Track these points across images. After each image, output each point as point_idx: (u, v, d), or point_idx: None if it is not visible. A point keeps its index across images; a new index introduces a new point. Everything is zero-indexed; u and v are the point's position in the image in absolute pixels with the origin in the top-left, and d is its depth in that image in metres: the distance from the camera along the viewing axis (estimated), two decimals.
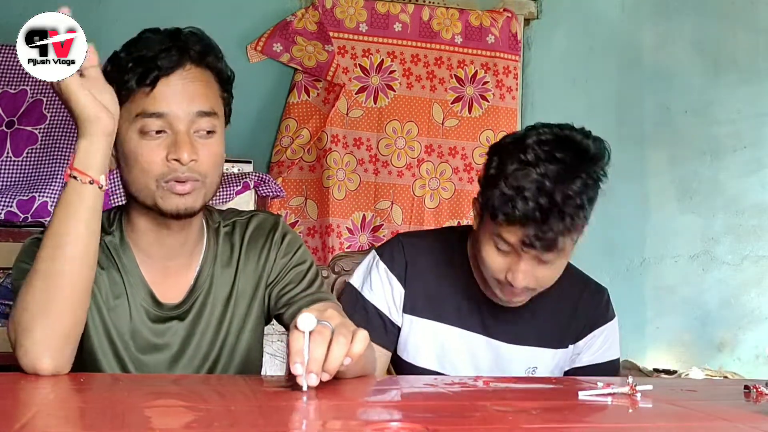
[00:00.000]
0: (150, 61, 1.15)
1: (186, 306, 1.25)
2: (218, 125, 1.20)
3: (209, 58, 1.22)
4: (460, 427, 0.85)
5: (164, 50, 1.17)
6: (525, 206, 1.26)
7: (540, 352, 1.50)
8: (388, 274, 1.50)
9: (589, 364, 1.52)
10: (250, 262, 1.30)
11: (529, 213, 1.26)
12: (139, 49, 1.17)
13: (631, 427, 0.91)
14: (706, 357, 3.28)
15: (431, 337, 1.49)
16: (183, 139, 1.15)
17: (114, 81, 1.14)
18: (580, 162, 1.31)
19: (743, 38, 3.35)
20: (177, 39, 1.19)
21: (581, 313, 1.52)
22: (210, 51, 1.22)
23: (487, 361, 1.49)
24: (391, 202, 3.00)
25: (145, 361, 1.23)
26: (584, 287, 1.55)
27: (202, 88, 1.19)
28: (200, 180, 1.17)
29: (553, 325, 1.50)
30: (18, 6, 2.39)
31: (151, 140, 1.15)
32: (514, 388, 1.14)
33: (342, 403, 0.99)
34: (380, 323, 1.48)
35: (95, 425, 0.80)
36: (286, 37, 2.92)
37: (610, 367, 1.53)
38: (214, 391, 1.04)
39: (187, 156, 1.14)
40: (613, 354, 1.54)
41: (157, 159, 1.15)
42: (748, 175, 3.35)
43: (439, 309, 1.49)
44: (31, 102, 2.28)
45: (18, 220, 2.12)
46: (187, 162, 1.14)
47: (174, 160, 1.14)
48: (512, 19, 3.12)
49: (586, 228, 1.37)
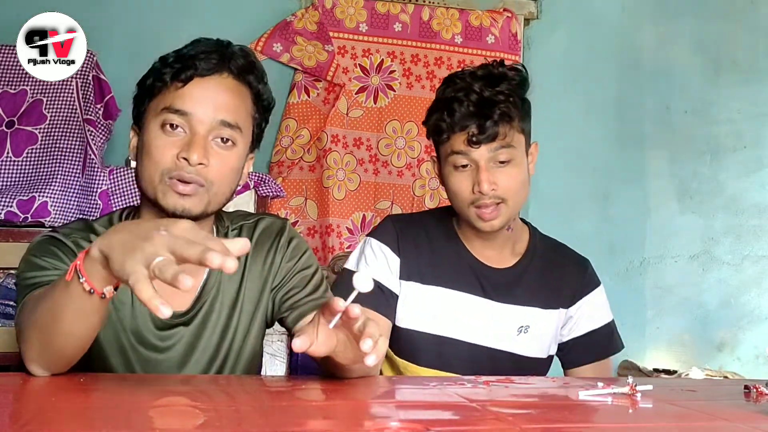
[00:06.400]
0: (189, 60, 1.17)
1: (192, 312, 1.25)
2: (240, 140, 1.21)
3: (250, 77, 1.23)
4: (460, 427, 0.85)
5: (206, 53, 1.18)
6: (460, 108, 1.43)
7: (531, 312, 1.55)
8: (381, 247, 1.55)
9: (588, 331, 1.60)
10: (256, 266, 1.30)
11: (465, 112, 1.43)
12: (185, 50, 1.20)
13: (631, 427, 0.91)
14: (706, 357, 3.27)
15: (429, 301, 1.53)
16: (198, 141, 1.16)
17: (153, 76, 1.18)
18: (501, 75, 1.48)
19: (743, 38, 3.35)
20: (222, 47, 1.21)
21: (569, 280, 1.60)
22: (253, 70, 1.23)
23: (482, 321, 1.53)
24: (391, 202, 3.00)
25: (151, 363, 1.23)
26: (569, 257, 1.65)
27: (234, 100, 1.20)
28: (205, 186, 1.16)
29: (543, 288, 1.57)
30: (18, 6, 2.39)
31: (169, 136, 1.16)
32: (514, 388, 1.14)
33: (343, 402, 0.99)
34: (379, 292, 1.50)
35: (97, 425, 0.80)
36: (286, 37, 2.92)
37: (608, 330, 1.62)
38: (220, 391, 1.04)
39: (197, 158, 1.14)
40: (606, 317, 1.63)
41: (168, 154, 1.15)
42: (748, 175, 3.35)
43: (435, 273, 1.54)
44: (31, 102, 2.28)
45: (18, 220, 2.12)
46: (194, 163, 1.14)
47: (183, 158, 1.15)
48: (512, 19, 3.13)
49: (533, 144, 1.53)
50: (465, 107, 1.43)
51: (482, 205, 1.45)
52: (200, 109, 1.16)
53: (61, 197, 2.17)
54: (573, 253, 1.65)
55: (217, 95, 1.18)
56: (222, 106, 1.18)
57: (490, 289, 1.54)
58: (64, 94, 2.29)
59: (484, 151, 1.43)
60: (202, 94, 1.17)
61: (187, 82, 1.17)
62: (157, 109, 1.17)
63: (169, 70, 1.18)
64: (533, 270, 1.57)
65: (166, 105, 1.16)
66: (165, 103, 1.17)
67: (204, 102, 1.17)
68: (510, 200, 1.46)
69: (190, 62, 1.17)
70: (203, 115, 1.16)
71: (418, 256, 1.54)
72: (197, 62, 1.17)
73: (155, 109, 1.18)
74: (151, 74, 1.20)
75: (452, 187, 1.48)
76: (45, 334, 0.99)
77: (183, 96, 1.16)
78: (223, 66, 1.19)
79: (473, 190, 1.45)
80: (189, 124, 1.16)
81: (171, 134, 1.16)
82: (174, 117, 1.16)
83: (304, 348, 0.94)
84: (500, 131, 1.42)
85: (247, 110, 1.22)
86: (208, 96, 1.17)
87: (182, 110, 1.16)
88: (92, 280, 0.91)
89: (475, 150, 1.43)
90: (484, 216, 1.46)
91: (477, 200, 1.45)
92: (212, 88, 1.18)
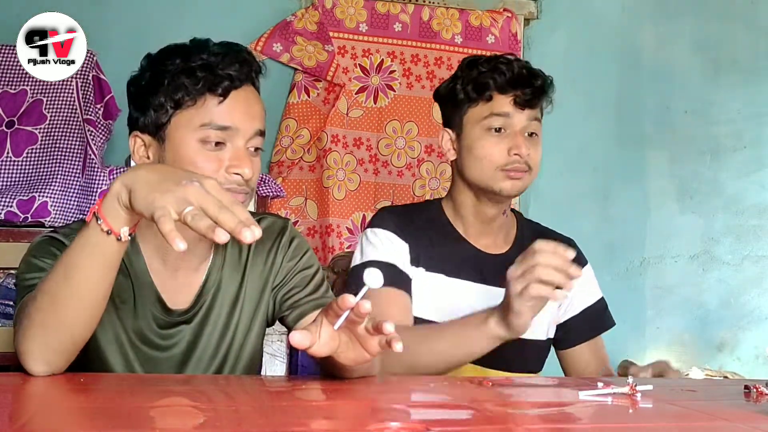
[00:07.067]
0: (220, 70, 1.15)
1: (193, 311, 1.25)
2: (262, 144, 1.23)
3: (257, 81, 1.24)
4: (460, 427, 0.85)
5: (235, 62, 1.17)
6: (509, 70, 1.50)
7: None
8: (387, 234, 1.54)
9: (583, 309, 1.64)
10: (257, 265, 1.30)
11: (516, 74, 1.50)
12: (205, 56, 1.16)
13: (631, 427, 0.91)
14: (706, 357, 3.28)
15: (433, 289, 1.52)
16: (245, 154, 1.17)
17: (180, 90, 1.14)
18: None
19: (743, 38, 3.35)
20: (242, 53, 1.20)
21: None
22: (260, 71, 1.24)
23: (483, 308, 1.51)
24: (391, 202, 3.00)
25: (151, 362, 1.23)
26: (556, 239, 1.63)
27: (261, 107, 1.22)
28: (249, 193, 1.19)
29: None
30: (18, 6, 2.39)
31: (211, 151, 1.16)
32: (514, 388, 1.14)
33: (343, 402, 0.99)
34: (396, 271, 1.50)
35: (97, 425, 0.80)
36: (286, 37, 2.92)
37: (601, 305, 1.67)
38: (219, 391, 1.04)
39: (249, 172, 1.16)
40: (598, 293, 1.67)
41: (215, 169, 1.15)
42: (748, 175, 3.35)
43: (435, 262, 1.54)
44: (31, 102, 2.28)
45: (18, 220, 2.12)
46: (248, 177, 1.16)
47: (235, 174, 1.15)
48: (512, 19, 3.13)
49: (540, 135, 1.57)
50: (515, 69, 1.50)
51: (513, 168, 1.49)
52: (241, 122, 1.17)
53: (61, 197, 2.17)
54: (558, 235, 1.66)
55: (251, 106, 1.19)
56: (257, 116, 1.20)
57: (489, 275, 1.54)
58: (64, 94, 2.29)
59: (524, 117, 1.50)
60: (241, 106, 1.17)
61: (225, 95, 1.16)
62: (192, 124, 1.15)
63: (202, 84, 1.15)
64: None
65: (206, 122, 1.15)
66: (204, 119, 1.15)
67: (243, 114, 1.17)
68: (533, 171, 1.51)
69: (224, 73, 1.15)
70: (246, 128, 1.17)
71: (420, 244, 1.54)
72: (231, 72, 1.16)
73: (188, 123, 1.15)
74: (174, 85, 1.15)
75: (482, 150, 1.50)
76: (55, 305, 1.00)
77: (225, 111, 1.16)
78: (249, 74, 1.20)
79: (509, 153, 1.48)
80: (229, 137, 1.16)
81: (212, 149, 1.16)
82: (216, 133, 1.15)
83: (303, 344, 0.94)
84: (542, 102, 1.52)
85: (264, 113, 1.24)
86: (245, 107, 1.18)
87: (225, 126, 1.16)
88: (110, 220, 0.94)
89: (519, 114, 1.49)
90: (514, 176, 1.49)
91: (509, 164, 1.48)
92: (247, 100, 1.19)
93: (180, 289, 1.24)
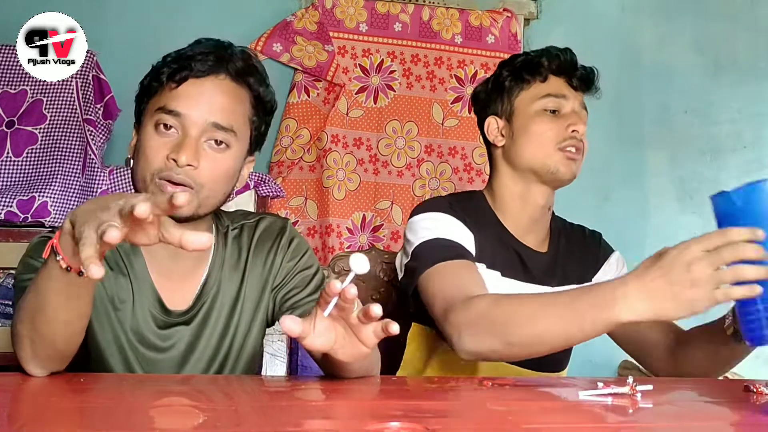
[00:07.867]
0: (185, 60, 1.17)
1: (193, 311, 1.24)
2: (234, 143, 1.19)
3: (250, 79, 1.22)
4: (460, 427, 0.85)
5: (203, 54, 1.18)
6: (564, 55, 1.57)
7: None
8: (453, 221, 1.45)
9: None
10: (257, 266, 1.30)
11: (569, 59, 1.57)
12: (184, 50, 1.19)
13: (631, 427, 0.91)
14: None
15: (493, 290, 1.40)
16: (188, 142, 1.14)
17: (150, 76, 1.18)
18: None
19: (743, 38, 3.35)
20: (222, 49, 1.20)
21: (590, 249, 1.65)
22: (253, 73, 1.22)
23: None
24: (391, 202, 3.00)
25: (151, 363, 1.23)
26: (583, 230, 1.70)
27: (230, 103, 1.19)
28: (194, 188, 1.15)
29: (573, 264, 1.60)
30: (18, 6, 2.39)
31: (161, 136, 1.15)
32: (514, 388, 1.14)
33: (343, 402, 0.99)
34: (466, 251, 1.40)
35: (97, 425, 0.80)
36: (286, 37, 2.92)
37: None
38: (219, 391, 1.04)
39: (185, 159, 1.13)
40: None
41: (159, 154, 1.14)
42: (748, 175, 3.34)
43: (495, 260, 1.49)
44: (31, 102, 2.28)
45: (18, 220, 2.12)
46: (183, 165, 1.13)
47: (172, 159, 1.13)
48: (512, 19, 3.12)
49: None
50: (568, 56, 1.57)
51: (571, 145, 1.49)
52: (193, 111, 1.15)
53: (61, 197, 2.17)
54: (583, 227, 1.70)
55: (212, 97, 1.17)
56: (216, 109, 1.17)
57: (536, 273, 1.52)
58: (64, 94, 2.29)
59: (577, 101, 1.55)
60: (195, 96, 1.16)
61: (181, 82, 1.16)
62: (152, 109, 1.17)
63: (166, 70, 1.17)
64: (563, 249, 1.60)
65: (161, 105, 1.16)
66: (159, 104, 1.16)
67: (197, 103, 1.16)
68: (584, 153, 1.53)
69: (186, 63, 1.16)
70: (196, 117, 1.15)
71: (478, 239, 1.47)
72: (193, 63, 1.16)
73: (151, 109, 1.17)
74: (149, 74, 1.20)
75: (540, 131, 1.51)
76: (34, 325, 0.99)
77: (176, 96, 1.16)
78: (220, 67, 1.18)
79: (566, 129, 1.49)
80: (182, 126, 1.15)
81: (164, 135, 1.15)
82: (167, 117, 1.15)
83: (294, 329, 0.91)
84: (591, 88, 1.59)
85: (244, 113, 1.21)
86: (202, 97, 1.16)
87: (175, 111, 1.15)
88: (67, 256, 0.91)
89: (573, 96, 1.54)
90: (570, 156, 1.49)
91: (567, 140, 1.49)
92: (207, 90, 1.17)
93: (179, 290, 1.24)
